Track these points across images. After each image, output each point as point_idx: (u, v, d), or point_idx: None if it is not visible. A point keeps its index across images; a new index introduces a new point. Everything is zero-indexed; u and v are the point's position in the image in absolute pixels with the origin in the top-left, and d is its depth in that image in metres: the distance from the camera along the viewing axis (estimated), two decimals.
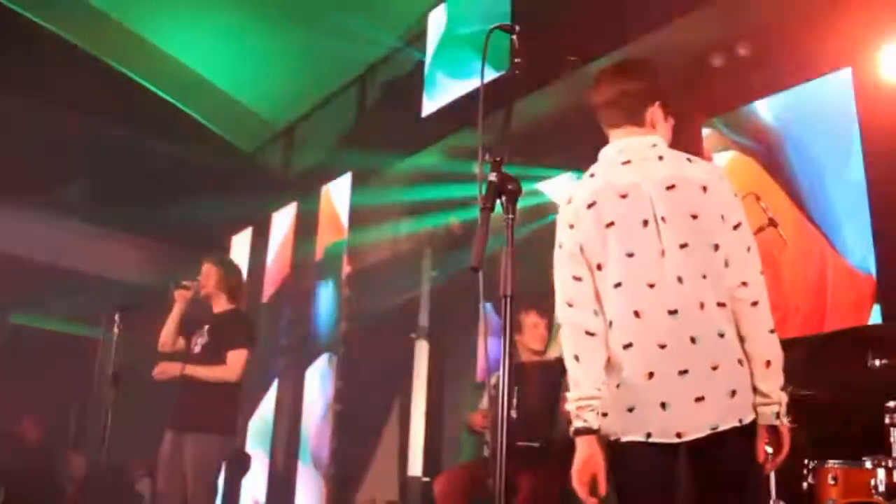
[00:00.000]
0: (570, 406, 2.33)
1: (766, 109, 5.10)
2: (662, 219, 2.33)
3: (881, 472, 3.28)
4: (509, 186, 1.97)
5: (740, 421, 2.29)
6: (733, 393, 2.28)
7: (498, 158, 1.99)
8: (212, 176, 9.78)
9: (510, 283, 1.91)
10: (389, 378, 6.97)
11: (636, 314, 2.29)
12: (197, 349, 5.07)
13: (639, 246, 2.32)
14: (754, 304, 2.35)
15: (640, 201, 2.36)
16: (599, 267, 2.35)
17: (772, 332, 2.38)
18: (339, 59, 8.05)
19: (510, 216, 1.97)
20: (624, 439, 2.28)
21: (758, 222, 3.96)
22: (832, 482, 3.44)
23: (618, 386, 2.31)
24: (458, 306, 6.84)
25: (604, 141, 4.68)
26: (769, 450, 2.39)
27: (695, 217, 2.34)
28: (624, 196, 2.36)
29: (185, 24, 8.26)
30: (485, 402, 4.79)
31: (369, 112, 8.06)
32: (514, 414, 4.42)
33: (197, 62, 8.80)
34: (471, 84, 6.72)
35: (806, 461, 3.59)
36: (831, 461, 3.49)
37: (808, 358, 3.86)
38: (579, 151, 5.90)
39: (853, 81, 4.63)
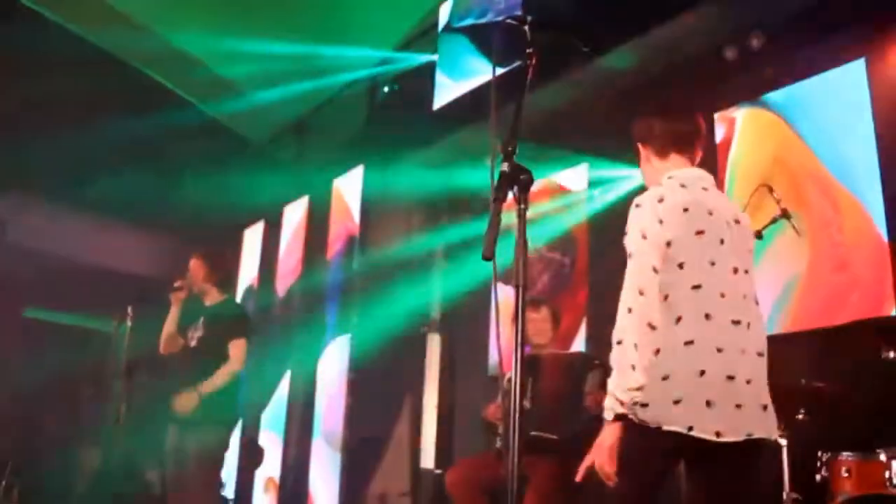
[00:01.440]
0: (618, 391, 2.45)
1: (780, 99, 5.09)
2: (732, 242, 2.64)
3: (895, 465, 3.27)
4: (521, 177, 1.96)
5: (769, 435, 2.56)
6: (765, 407, 2.57)
7: (510, 149, 1.98)
8: (224, 169, 9.80)
9: (522, 274, 1.90)
10: (401, 371, 6.97)
11: (707, 316, 2.52)
12: (193, 343, 5.09)
13: (719, 258, 2.59)
14: None
15: (721, 222, 2.64)
16: (682, 266, 2.56)
17: None
18: (352, 52, 8.05)
19: (522, 206, 1.97)
20: (666, 428, 2.42)
21: (770, 214, 3.93)
22: (846, 474, 3.42)
23: (665, 378, 2.46)
24: (469, 299, 6.84)
25: (612, 133, 4.71)
26: None
27: (749, 251, 2.75)
28: (710, 213, 2.63)
29: (197, 18, 8.26)
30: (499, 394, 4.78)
31: (381, 105, 8.05)
32: (527, 404, 4.43)
33: (209, 56, 8.81)
34: (482, 77, 6.72)
35: (819, 453, 3.57)
36: (845, 453, 3.47)
37: (822, 350, 3.85)
38: (592, 142, 5.96)
39: (867, 72, 4.61)
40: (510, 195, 2.00)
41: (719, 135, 5.35)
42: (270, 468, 8.12)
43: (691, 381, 2.44)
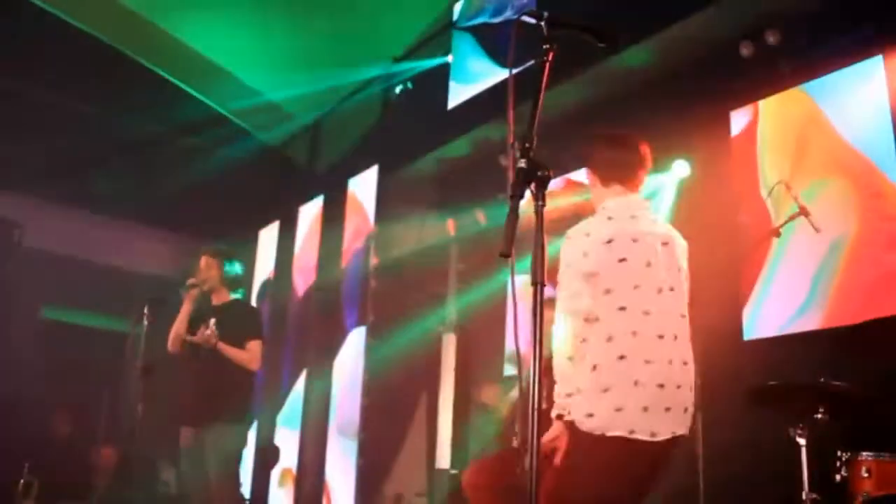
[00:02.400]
0: (560, 399, 2.84)
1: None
2: (659, 264, 2.92)
3: None
4: (539, 173, 1.95)
5: (686, 432, 2.89)
6: (686, 409, 2.87)
7: (528, 145, 1.97)
8: (239, 170, 9.83)
9: (541, 271, 1.89)
10: (417, 371, 6.97)
11: (634, 333, 2.81)
12: (209, 344, 5.08)
13: (643, 281, 2.87)
14: None
15: (646, 247, 2.92)
16: (608, 291, 2.84)
17: None
18: (366, 53, 8.06)
19: (540, 203, 1.95)
20: (610, 434, 2.72)
21: (788, 211, 3.91)
22: (866, 475, 3.39)
23: (605, 390, 2.76)
24: (485, 299, 6.83)
25: (630, 130, 4.68)
26: None
27: (679, 269, 3.02)
28: (634, 240, 2.91)
29: (211, 19, 8.29)
30: (514, 393, 4.75)
31: (395, 105, 8.06)
32: (545, 405, 4.40)
33: (223, 58, 8.83)
34: (497, 77, 6.71)
35: (839, 453, 3.54)
36: (865, 453, 3.43)
37: (841, 349, 3.81)
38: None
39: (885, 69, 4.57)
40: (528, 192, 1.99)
41: (740, 125, 5.29)
42: (287, 461, 8.16)
43: (629, 391, 2.75)
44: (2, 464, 6.66)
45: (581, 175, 6.14)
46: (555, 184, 6.35)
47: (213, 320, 5.08)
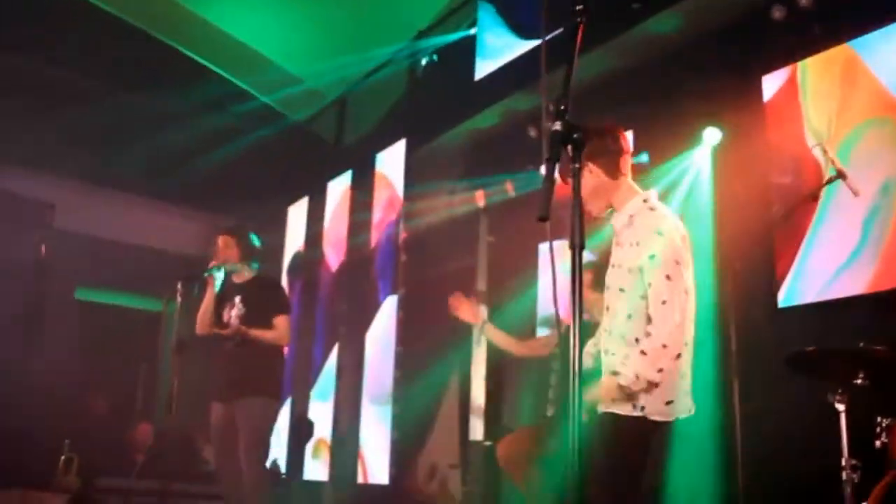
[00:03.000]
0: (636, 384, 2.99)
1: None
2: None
3: None
4: (574, 135, 1.92)
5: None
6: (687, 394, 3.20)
7: (562, 108, 1.94)
8: (267, 147, 9.84)
9: (579, 234, 1.86)
10: (449, 343, 6.97)
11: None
12: (235, 321, 5.10)
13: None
14: None
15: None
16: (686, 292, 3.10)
17: None
18: (391, 25, 8.01)
19: (576, 165, 1.92)
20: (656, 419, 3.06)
21: (825, 174, 3.85)
22: None
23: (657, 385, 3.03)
24: (515, 272, 6.81)
25: (658, 98, 4.64)
26: None
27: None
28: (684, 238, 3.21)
29: None
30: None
31: (422, 77, 8.01)
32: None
33: (248, 35, 8.82)
34: (524, 47, 6.64)
35: (879, 419, 3.50)
36: None
37: (881, 313, 3.76)
38: (638, 109, 5.87)
39: None
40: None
41: (774, 88, 5.20)
42: (321, 432, 8.23)
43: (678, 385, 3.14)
44: (43, 441, 6.77)
45: None
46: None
47: (237, 298, 5.11)
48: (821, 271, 4.67)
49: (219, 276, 5.17)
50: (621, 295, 3.13)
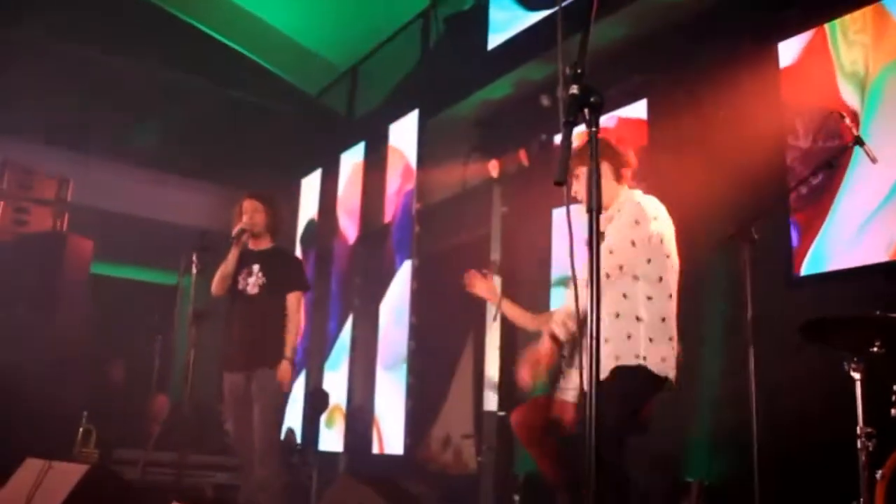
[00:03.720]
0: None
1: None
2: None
3: None
4: (592, 99, 1.90)
5: None
6: None
7: (579, 70, 1.92)
8: (279, 120, 9.83)
9: (596, 198, 1.85)
10: (463, 314, 6.98)
11: None
12: (255, 290, 5.11)
13: None
14: None
15: None
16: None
17: None
18: None
19: (594, 129, 1.91)
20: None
21: (841, 141, 3.81)
22: None
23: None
24: (529, 243, 6.80)
25: (669, 68, 4.60)
26: None
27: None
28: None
29: None
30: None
31: (434, 48, 7.97)
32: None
33: (258, 7, 8.79)
34: (538, 15, 6.59)
35: (895, 387, 3.48)
36: None
37: None
38: (650, 78, 5.82)
39: None
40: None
41: (790, 54, 5.14)
42: (336, 398, 8.28)
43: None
44: (61, 413, 6.83)
45: (636, 111, 6.09)
46: (605, 121, 6.25)
47: (256, 267, 5.11)
48: (839, 239, 4.64)
49: (244, 240, 5.17)
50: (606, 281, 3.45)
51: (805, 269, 4.80)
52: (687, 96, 5.56)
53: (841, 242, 4.62)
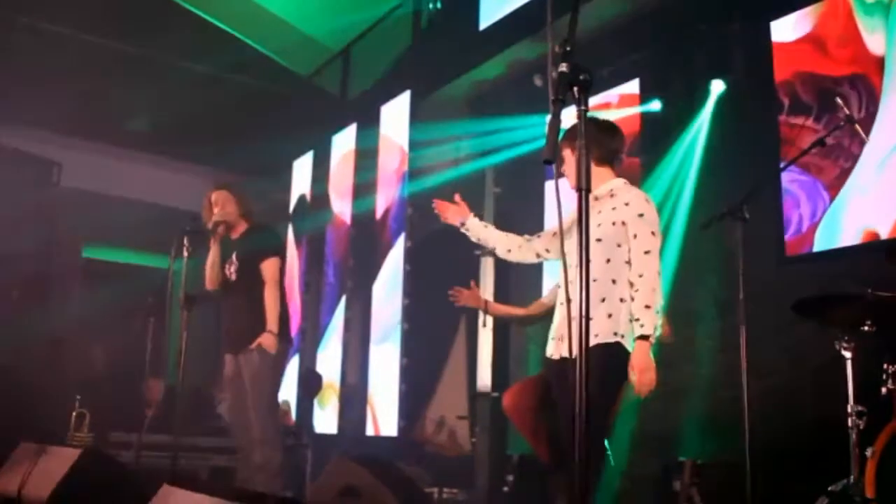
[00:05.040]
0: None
1: None
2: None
3: None
4: (581, 77, 1.89)
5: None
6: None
7: (568, 48, 1.90)
8: (270, 102, 9.77)
9: (585, 176, 1.85)
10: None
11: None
12: (233, 277, 5.14)
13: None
14: None
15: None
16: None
17: None
18: None
19: (583, 108, 1.90)
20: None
21: (834, 121, 3.81)
22: None
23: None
24: (522, 222, 6.79)
25: (659, 49, 4.57)
26: None
27: (612, 224, 3.55)
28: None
29: None
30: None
31: (426, 28, 7.92)
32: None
33: None
34: None
35: (885, 366, 3.50)
36: None
37: (888, 259, 3.74)
38: (641, 58, 5.81)
39: None
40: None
41: (784, 32, 5.12)
42: (329, 377, 8.29)
43: None
44: (55, 397, 6.83)
45: (631, 87, 6.07)
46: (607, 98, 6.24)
47: (234, 255, 5.13)
48: (830, 219, 4.65)
49: (221, 233, 5.17)
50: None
51: (796, 249, 4.82)
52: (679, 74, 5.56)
53: (832, 221, 4.63)
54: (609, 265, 3.48)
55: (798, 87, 4.95)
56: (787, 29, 5.10)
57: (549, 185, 6.48)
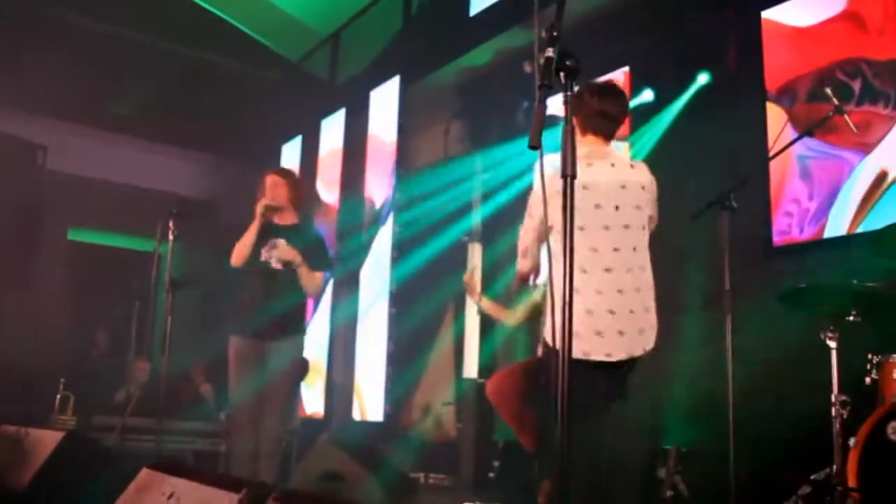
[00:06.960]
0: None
1: None
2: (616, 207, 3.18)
3: None
4: (568, 62, 1.87)
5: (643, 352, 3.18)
6: (641, 331, 3.16)
7: (555, 34, 1.88)
8: (260, 86, 9.73)
9: (571, 162, 1.83)
10: (443, 281, 6.98)
11: (583, 270, 3.13)
12: (279, 265, 5.03)
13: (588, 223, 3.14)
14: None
15: (595, 193, 3.17)
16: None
17: None
18: None
19: (569, 93, 1.88)
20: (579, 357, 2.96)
21: (824, 111, 3.81)
22: None
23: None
24: (509, 207, 6.79)
25: (650, 38, 4.53)
26: None
27: (636, 207, 3.22)
28: (585, 187, 3.12)
29: None
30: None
31: (416, 14, 7.89)
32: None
33: None
34: None
35: (870, 355, 3.52)
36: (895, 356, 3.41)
37: (872, 251, 3.75)
38: (632, 46, 5.80)
39: None
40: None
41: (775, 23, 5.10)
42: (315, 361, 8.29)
43: (584, 319, 3.05)
44: (39, 380, 6.81)
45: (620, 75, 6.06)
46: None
47: (282, 241, 5.02)
48: (816, 210, 4.65)
49: (269, 216, 5.09)
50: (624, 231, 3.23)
51: (781, 239, 4.82)
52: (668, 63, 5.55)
53: (820, 212, 4.64)
54: (636, 253, 3.22)
55: (790, 74, 4.93)
56: (780, 17, 5.06)
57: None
